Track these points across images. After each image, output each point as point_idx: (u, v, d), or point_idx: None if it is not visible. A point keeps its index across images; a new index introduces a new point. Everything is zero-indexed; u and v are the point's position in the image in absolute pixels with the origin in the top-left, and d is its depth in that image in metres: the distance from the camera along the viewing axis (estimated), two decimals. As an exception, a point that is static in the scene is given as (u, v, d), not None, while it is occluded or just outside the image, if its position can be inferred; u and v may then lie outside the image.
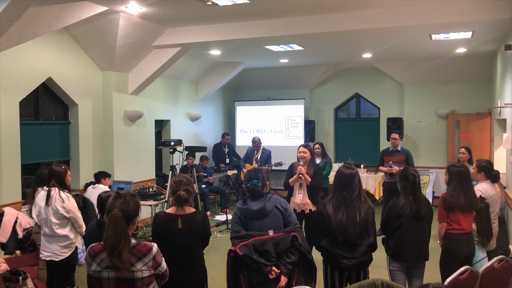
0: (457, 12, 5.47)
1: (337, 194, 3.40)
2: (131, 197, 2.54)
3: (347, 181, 3.39)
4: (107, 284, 2.46)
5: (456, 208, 3.87)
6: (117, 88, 7.25)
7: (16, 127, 5.77)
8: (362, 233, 3.33)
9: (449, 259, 3.96)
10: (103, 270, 2.45)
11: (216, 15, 5.99)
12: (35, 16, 5.15)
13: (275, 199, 3.33)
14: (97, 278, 2.48)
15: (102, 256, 2.46)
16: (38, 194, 4.32)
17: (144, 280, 2.47)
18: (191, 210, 3.20)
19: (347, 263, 3.30)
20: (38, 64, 6.09)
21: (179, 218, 3.15)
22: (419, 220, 3.66)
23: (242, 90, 11.60)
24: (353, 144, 10.78)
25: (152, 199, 6.46)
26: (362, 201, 3.39)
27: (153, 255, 2.51)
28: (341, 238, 3.30)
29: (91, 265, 2.49)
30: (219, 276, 5.36)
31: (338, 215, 3.31)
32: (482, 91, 9.24)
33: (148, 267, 2.48)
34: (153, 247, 2.53)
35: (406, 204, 3.65)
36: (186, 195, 3.13)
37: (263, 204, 3.25)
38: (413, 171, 3.77)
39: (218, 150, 10.05)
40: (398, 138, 7.09)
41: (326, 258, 3.45)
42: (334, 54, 8.59)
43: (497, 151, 7.78)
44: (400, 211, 3.65)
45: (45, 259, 4.18)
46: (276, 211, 3.28)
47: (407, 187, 3.71)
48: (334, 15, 5.95)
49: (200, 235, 3.22)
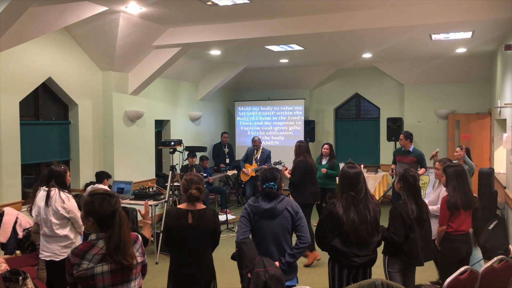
0: (457, 12, 5.46)
1: (345, 194, 3.37)
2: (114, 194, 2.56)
3: (354, 181, 3.38)
4: (101, 279, 2.40)
5: (460, 206, 3.89)
6: (117, 88, 7.25)
7: (16, 127, 5.77)
8: (373, 231, 3.34)
9: (449, 260, 3.98)
10: (96, 265, 2.40)
11: (216, 15, 5.99)
12: (35, 16, 5.15)
13: (287, 201, 3.32)
14: (89, 276, 2.40)
15: (94, 251, 2.41)
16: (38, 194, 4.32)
17: (137, 266, 2.51)
18: (202, 207, 3.32)
19: (358, 261, 3.30)
20: (38, 64, 6.09)
21: (189, 213, 3.26)
22: (422, 222, 3.66)
23: (242, 90, 11.60)
24: (353, 144, 10.77)
25: (152, 199, 6.45)
26: (369, 198, 3.39)
27: (141, 242, 2.58)
28: (354, 238, 3.29)
29: (80, 265, 2.38)
30: (219, 276, 5.35)
31: (350, 216, 3.28)
32: (482, 91, 9.23)
33: (139, 253, 2.54)
34: (139, 235, 2.60)
35: (413, 207, 3.61)
36: (197, 193, 3.25)
37: (274, 204, 3.25)
38: (414, 173, 3.74)
39: (218, 150, 10.06)
40: (403, 138, 7.03)
41: (335, 257, 3.42)
42: (334, 54, 8.59)
43: (497, 151, 7.78)
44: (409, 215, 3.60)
45: (45, 259, 4.18)
46: (286, 213, 3.27)
47: (408, 190, 3.68)
48: (334, 15, 5.95)
49: (209, 231, 3.30)
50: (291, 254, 3.24)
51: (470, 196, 3.96)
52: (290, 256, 3.24)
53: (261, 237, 3.27)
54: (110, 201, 2.46)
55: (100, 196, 2.47)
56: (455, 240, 3.93)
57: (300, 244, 3.25)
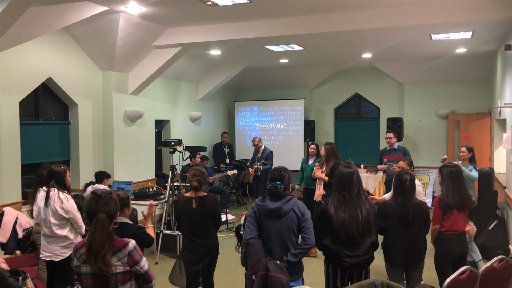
0: (457, 12, 5.47)
1: (337, 194, 3.43)
2: (109, 196, 2.51)
3: (345, 180, 3.41)
4: (85, 279, 2.47)
5: (453, 206, 3.91)
6: (117, 88, 7.25)
7: (16, 127, 5.77)
8: (364, 231, 3.34)
9: (442, 259, 4.01)
10: (82, 265, 2.46)
11: (216, 15, 5.99)
12: (35, 16, 5.14)
13: (294, 202, 3.31)
14: (78, 274, 2.49)
15: (82, 251, 2.46)
16: (38, 194, 4.33)
17: (118, 276, 2.43)
18: (203, 194, 4.00)
19: (349, 262, 3.31)
20: (38, 64, 6.09)
21: (193, 199, 3.95)
22: (406, 223, 3.66)
23: (242, 90, 11.60)
24: (353, 144, 10.77)
25: (152, 199, 6.45)
26: (363, 199, 3.39)
27: (129, 251, 2.46)
28: (344, 237, 3.31)
29: (73, 261, 2.52)
30: (219, 275, 5.37)
31: (340, 215, 3.32)
32: (482, 91, 9.23)
33: (122, 263, 2.43)
34: (129, 243, 2.49)
35: (393, 206, 3.69)
36: (197, 184, 3.94)
37: (280, 204, 3.25)
38: (408, 175, 3.74)
39: (218, 150, 10.06)
40: (393, 137, 7.17)
41: (328, 257, 3.45)
42: (334, 54, 8.59)
43: (497, 151, 7.78)
44: (387, 211, 3.70)
45: (45, 259, 4.18)
46: (292, 214, 3.26)
47: (397, 189, 3.73)
48: (334, 15, 5.95)
49: (211, 214, 3.95)
50: (293, 254, 3.24)
51: (464, 197, 3.96)
52: (292, 256, 3.24)
53: (265, 237, 3.28)
54: (96, 202, 2.46)
55: (92, 195, 2.51)
56: (448, 240, 3.95)
57: (304, 245, 3.25)
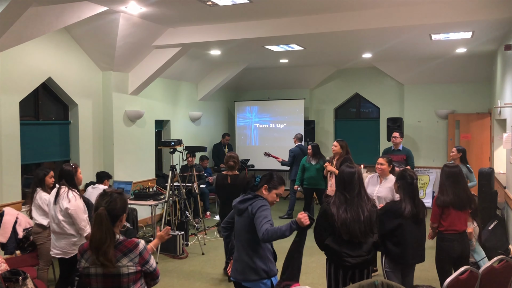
0: (457, 12, 5.47)
1: (338, 193, 3.44)
2: (117, 195, 2.53)
3: (346, 180, 3.42)
4: (95, 280, 2.48)
5: (449, 205, 3.92)
6: (117, 88, 7.24)
7: (16, 127, 5.77)
8: (367, 231, 3.34)
9: (442, 259, 4.02)
10: (91, 266, 2.46)
11: (216, 15, 5.99)
12: (35, 16, 5.14)
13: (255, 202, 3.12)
14: (86, 275, 2.50)
15: (89, 252, 2.47)
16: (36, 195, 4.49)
17: (130, 276, 2.46)
18: (236, 173, 5.26)
19: (351, 261, 3.31)
20: (38, 64, 6.09)
21: (228, 177, 5.21)
22: (417, 223, 3.67)
23: (242, 90, 11.60)
24: (353, 144, 10.71)
25: (152, 199, 6.45)
26: (364, 199, 3.39)
27: (140, 251, 2.48)
28: (346, 237, 3.31)
29: (80, 262, 2.52)
30: (219, 275, 5.37)
31: (342, 214, 3.32)
32: (482, 91, 9.23)
33: (134, 263, 2.46)
34: (140, 243, 2.51)
35: (407, 205, 3.63)
36: (233, 164, 5.22)
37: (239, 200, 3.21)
38: (411, 172, 3.77)
39: (218, 150, 10.05)
40: (399, 137, 7.19)
41: (330, 256, 3.45)
42: (334, 54, 8.59)
43: (497, 151, 7.78)
44: (399, 210, 3.63)
45: (55, 257, 4.20)
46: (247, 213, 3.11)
47: (405, 188, 3.70)
48: (334, 15, 5.95)
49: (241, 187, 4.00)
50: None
51: (462, 196, 3.95)
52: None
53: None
54: (102, 199, 2.51)
55: (101, 192, 2.56)
56: (447, 239, 3.95)
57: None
